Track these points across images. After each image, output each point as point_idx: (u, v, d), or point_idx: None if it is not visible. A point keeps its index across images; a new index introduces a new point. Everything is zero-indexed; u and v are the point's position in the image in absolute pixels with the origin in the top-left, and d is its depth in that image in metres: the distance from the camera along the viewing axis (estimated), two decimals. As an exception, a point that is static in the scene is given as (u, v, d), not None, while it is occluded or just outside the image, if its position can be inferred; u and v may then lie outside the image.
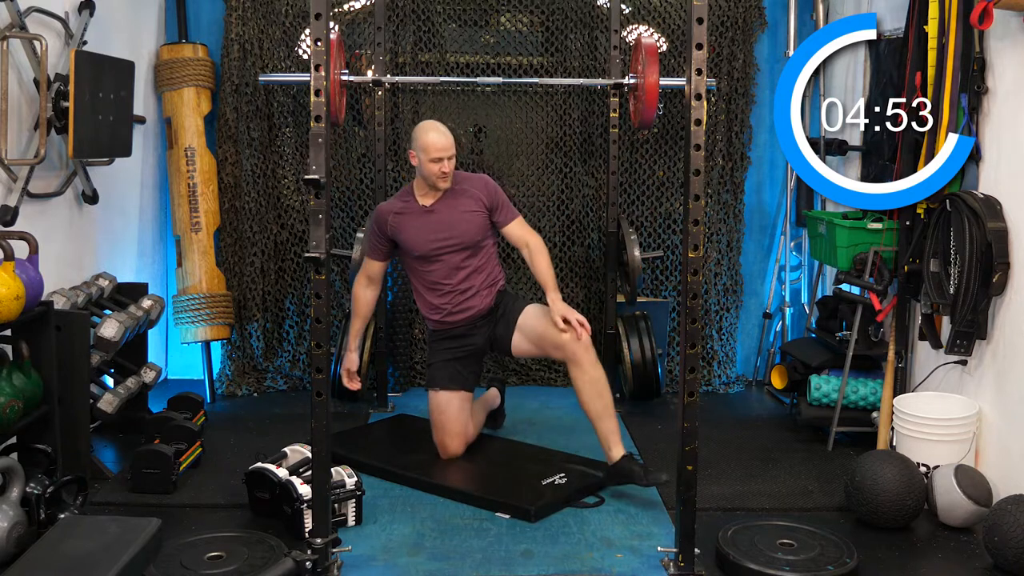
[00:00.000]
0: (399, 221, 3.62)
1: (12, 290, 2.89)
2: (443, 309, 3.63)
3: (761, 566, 2.70)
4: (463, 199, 3.62)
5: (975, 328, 3.30)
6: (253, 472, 3.15)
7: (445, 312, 3.63)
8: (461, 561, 2.86)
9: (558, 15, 4.76)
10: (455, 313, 3.62)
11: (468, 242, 3.59)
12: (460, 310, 3.62)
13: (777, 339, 4.96)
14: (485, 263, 3.66)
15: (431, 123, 3.64)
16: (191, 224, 4.53)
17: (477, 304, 3.62)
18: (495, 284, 3.69)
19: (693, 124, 2.56)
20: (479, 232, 3.61)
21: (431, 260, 3.60)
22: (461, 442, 3.63)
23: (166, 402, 3.99)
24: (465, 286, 3.61)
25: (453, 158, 3.56)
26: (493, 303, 3.66)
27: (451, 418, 3.62)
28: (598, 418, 3.39)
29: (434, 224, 3.59)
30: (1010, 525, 2.74)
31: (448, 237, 3.58)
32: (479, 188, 3.64)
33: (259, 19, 4.64)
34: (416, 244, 3.59)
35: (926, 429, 3.35)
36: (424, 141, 3.53)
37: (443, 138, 3.53)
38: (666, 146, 4.83)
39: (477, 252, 3.62)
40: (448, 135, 3.56)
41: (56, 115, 3.46)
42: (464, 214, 3.60)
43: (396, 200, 3.70)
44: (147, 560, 2.54)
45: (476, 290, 3.62)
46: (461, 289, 3.61)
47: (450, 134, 3.57)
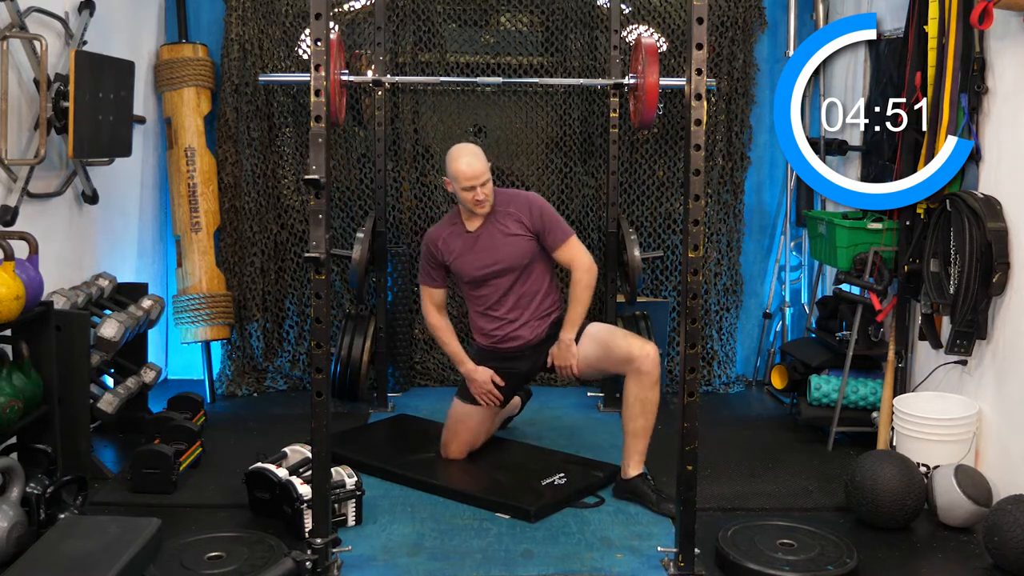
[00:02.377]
0: (447, 246, 3.53)
1: (12, 290, 2.89)
2: (492, 336, 3.56)
3: (761, 566, 2.70)
4: (508, 222, 3.48)
5: (975, 328, 3.30)
6: (253, 472, 3.15)
7: (495, 339, 3.56)
8: (461, 561, 2.86)
9: (558, 15, 4.75)
10: (504, 341, 3.54)
11: (514, 265, 3.48)
12: (509, 339, 3.54)
13: (777, 339, 4.96)
14: (538, 288, 3.53)
15: (461, 149, 3.46)
16: (191, 224, 4.53)
17: (526, 335, 3.53)
18: (549, 314, 3.55)
19: (693, 124, 2.56)
20: (525, 255, 3.48)
21: (480, 285, 3.52)
22: (466, 450, 3.63)
23: (166, 402, 3.99)
24: (515, 315, 3.52)
25: (488, 183, 3.40)
26: (545, 335, 3.53)
27: (467, 429, 3.61)
28: (633, 435, 3.34)
29: (479, 249, 3.48)
30: (1010, 525, 2.74)
31: (494, 262, 3.47)
32: (523, 210, 3.48)
33: (259, 19, 4.64)
34: (464, 269, 3.51)
35: (926, 429, 3.35)
36: (454, 169, 3.40)
37: (473, 165, 3.37)
38: (666, 146, 4.82)
39: (527, 275, 3.51)
40: (479, 160, 3.40)
41: (56, 115, 3.46)
42: (508, 237, 3.47)
43: (444, 225, 3.59)
44: (147, 560, 2.54)
45: (527, 320, 3.52)
46: (511, 319, 3.52)
47: (482, 157, 3.42)
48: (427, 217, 4.84)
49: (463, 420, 3.60)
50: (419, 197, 4.84)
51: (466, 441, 3.62)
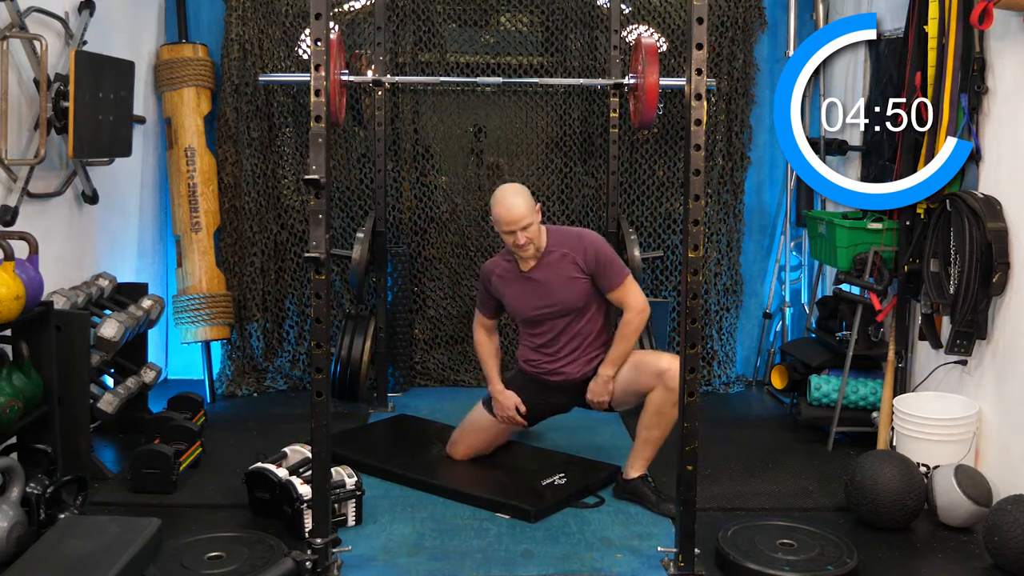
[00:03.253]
0: (501, 284, 3.47)
1: (12, 290, 2.89)
2: (538, 367, 3.50)
3: (761, 566, 2.70)
4: (563, 264, 3.39)
5: (975, 328, 3.30)
6: (253, 472, 3.15)
7: (540, 371, 3.50)
8: (461, 561, 2.86)
9: (558, 15, 4.75)
10: (549, 375, 3.49)
11: (569, 308, 3.40)
12: (555, 374, 3.48)
13: (777, 339, 4.96)
14: (592, 330, 3.45)
15: (503, 191, 3.33)
16: (191, 224, 4.53)
17: (571, 372, 3.46)
18: (598, 355, 3.45)
19: (693, 124, 2.56)
20: (580, 298, 3.39)
21: (535, 324, 3.47)
22: (472, 455, 3.62)
23: (166, 402, 3.99)
24: (565, 353, 3.45)
25: (531, 226, 3.28)
26: (591, 373, 3.45)
27: (481, 438, 3.60)
28: (644, 442, 3.32)
29: (534, 290, 3.41)
30: (1010, 525, 2.74)
31: (550, 304, 3.40)
32: (578, 252, 3.38)
33: (259, 19, 4.64)
34: (518, 309, 3.46)
35: (926, 429, 3.35)
36: (494, 213, 3.31)
37: (512, 211, 3.26)
38: (666, 146, 4.82)
39: (582, 316, 3.42)
40: (520, 204, 3.26)
41: (56, 115, 3.46)
42: (564, 280, 3.38)
43: (500, 259, 3.51)
44: (147, 560, 2.54)
45: (575, 359, 3.45)
46: (561, 356, 3.46)
47: (525, 201, 3.28)
48: (427, 217, 4.84)
49: (481, 428, 3.59)
50: (419, 197, 4.85)
51: (476, 447, 3.61)
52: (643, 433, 3.32)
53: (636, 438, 3.36)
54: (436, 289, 4.88)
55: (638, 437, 3.35)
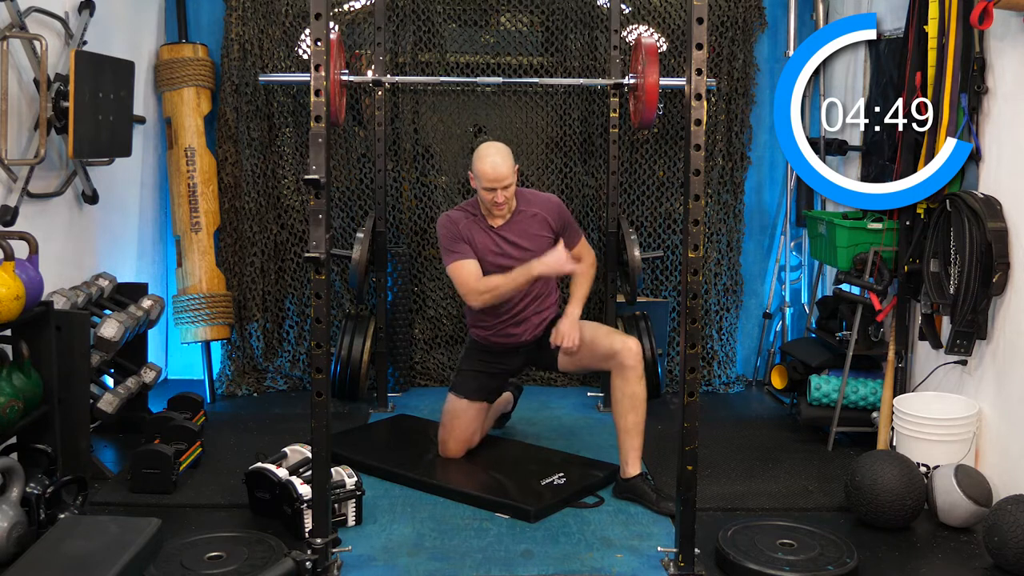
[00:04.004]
0: (470, 231, 3.47)
1: (12, 290, 2.89)
2: (490, 328, 3.55)
3: (761, 566, 2.70)
4: (534, 222, 3.47)
5: (975, 328, 3.30)
6: (253, 472, 3.15)
7: (491, 332, 3.55)
8: (461, 561, 2.86)
9: (558, 15, 4.76)
10: (500, 336, 3.55)
11: None
12: (505, 336, 3.55)
13: (777, 339, 4.96)
14: (545, 290, 3.55)
15: (488, 148, 3.41)
16: (191, 224, 4.53)
17: (523, 333, 3.54)
18: (547, 317, 3.55)
19: (693, 124, 2.56)
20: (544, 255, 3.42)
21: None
22: (463, 447, 3.64)
23: (166, 402, 3.99)
24: (519, 313, 3.50)
25: (511, 186, 3.37)
26: (542, 334, 3.54)
27: (463, 425, 3.61)
28: (625, 432, 3.34)
29: (504, 246, 3.46)
30: (1010, 525, 2.74)
31: (516, 259, 3.42)
32: (550, 212, 3.49)
33: (259, 19, 4.64)
34: (483, 264, 3.45)
35: (926, 429, 3.35)
36: (478, 168, 3.37)
37: (498, 168, 3.33)
38: (666, 146, 4.82)
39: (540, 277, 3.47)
40: (505, 163, 3.35)
41: (56, 115, 3.46)
42: (533, 237, 3.46)
43: (462, 211, 3.52)
44: (147, 560, 2.54)
45: (526, 319, 3.52)
46: (514, 316, 3.51)
47: (509, 160, 3.37)
48: (427, 217, 4.84)
49: (459, 415, 3.61)
50: (419, 197, 4.85)
51: (463, 438, 3.62)
52: (620, 422, 3.35)
53: (618, 430, 3.37)
54: (436, 289, 4.88)
55: (619, 429, 3.36)
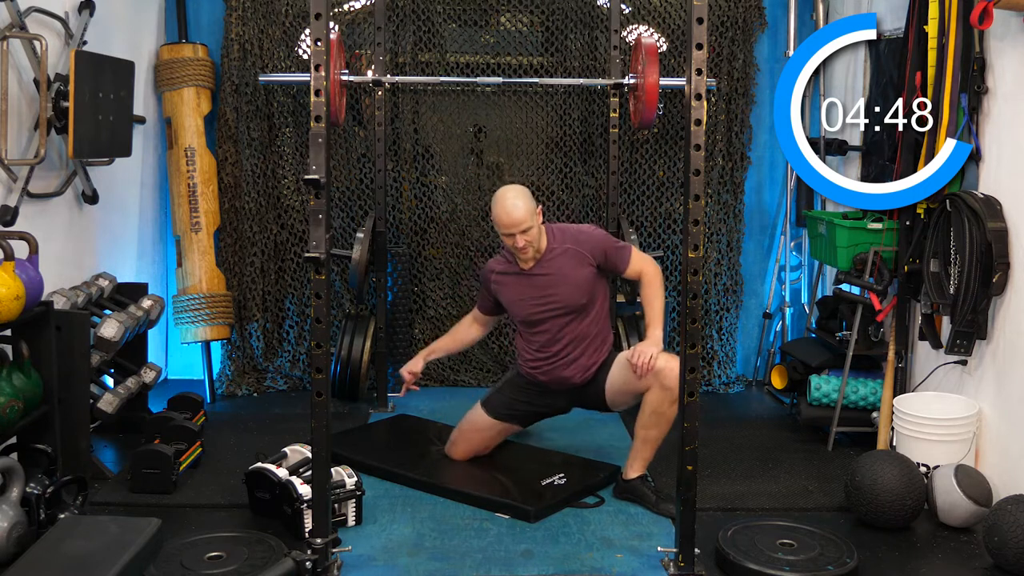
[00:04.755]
0: (500, 282, 3.45)
1: (12, 290, 2.89)
2: (538, 369, 3.46)
3: (761, 566, 2.70)
4: (566, 260, 3.37)
5: (975, 328, 3.30)
6: (253, 472, 3.15)
7: (540, 372, 3.46)
8: (461, 561, 2.86)
9: (558, 15, 4.75)
10: (548, 375, 3.46)
11: (573, 306, 3.37)
12: (554, 378, 3.45)
13: (777, 339, 4.96)
14: (593, 331, 3.42)
15: (504, 193, 3.31)
16: (191, 224, 4.53)
17: (573, 376, 3.43)
18: (597, 358, 3.43)
19: (693, 124, 2.56)
20: (585, 293, 3.37)
21: (534, 324, 3.42)
22: (470, 455, 3.61)
23: (166, 402, 3.98)
24: (566, 355, 3.41)
25: (531, 230, 3.26)
26: (591, 377, 3.44)
27: (481, 439, 3.59)
28: (642, 441, 3.30)
29: (535, 289, 3.38)
30: (1010, 525, 2.74)
31: (550, 303, 3.37)
32: (582, 244, 3.38)
33: (259, 19, 4.64)
34: (517, 309, 3.44)
35: (926, 429, 3.35)
36: (494, 214, 3.30)
37: (512, 213, 3.23)
38: (666, 146, 4.82)
39: (584, 315, 3.40)
40: (519, 208, 3.24)
41: (56, 115, 3.46)
42: (568, 276, 3.36)
43: (501, 258, 3.51)
44: (147, 560, 2.54)
45: (575, 361, 3.41)
46: (562, 359, 3.41)
47: (525, 203, 3.25)
48: (427, 217, 4.84)
49: (481, 430, 3.57)
50: (419, 197, 4.85)
51: (474, 448, 3.60)
52: (641, 433, 3.32)
53: (635, 438, 3.35)
54: (436, 289, 4.87)
55: (636, 437, 3.34)
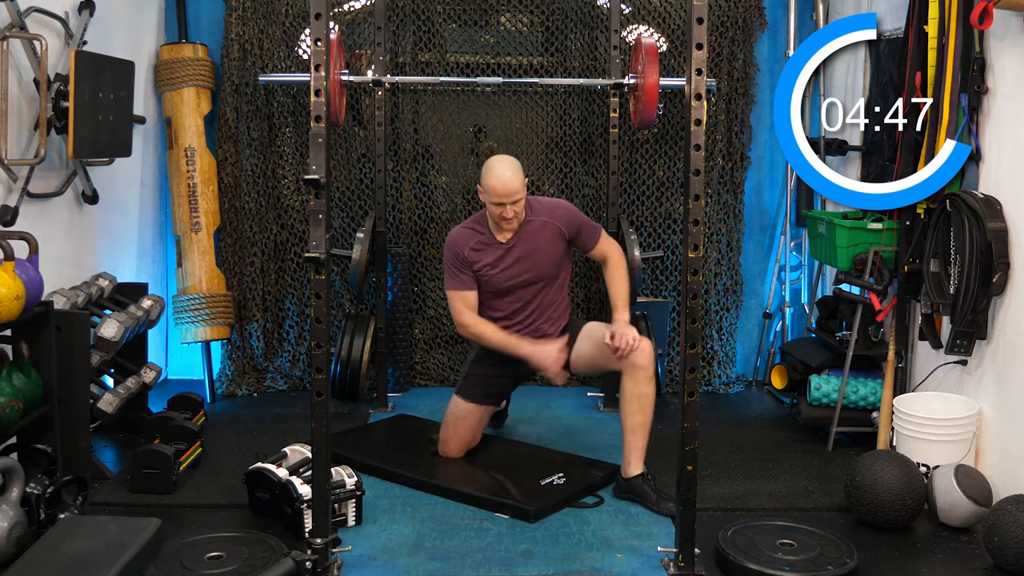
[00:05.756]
0: (476, 256, 3.47)
1: (12, 290, 2.89)
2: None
3: (761, 566, 2.70)
4: (543, 232, 3.45)
5: (975, 328, 3.30)
6: (253, 472, 3.15)
7: None
8: (461, 561, 2.86)
9: (558, 15, 4.76)
10: None
11: (546, 275, 3.48)
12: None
13: (777, 339, 4.96)
14: (557, 299, 3.54)
15: (497, 162, 3.37)
16: (191, 224, 4.53)
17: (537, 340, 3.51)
18: (559, 324, 3.55)
19: (693, 124, 2.56)
20: (557, 265, 3.49)
21: (505, 295, 3.49)
22: (465, 448, 3.64)
23: (166, 402, 3.98)
24: (530, 324, 3.50)
25: (520, 201, 3.34)
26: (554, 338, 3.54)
27: (467, 428, 3.61)
28: (631, 431, 3.32)
29: (513, 261, 3.45)
30: (1010, 525, 2.74)
31: (528, 272, 3.45)
32: (560, 219, 3.46)
33: (259, 19, 4.64)
34: (493, 280, 3.47)
35: (926, 429, 3.35)
36: (487, 183, 3.34)
37: (507, 183, 3.29)
38: (666, 146, 4.82)
39: (551, 286, 3.51)
40: (515, 177, 3.31)
41: (56, 115, 3.46)
42: (544, 248, 3.44)
43: (469, 230, 3.50)
44: (147, 560, 2.54)
45: (539, 328, 3.51)
46: (526, 326, 3.50)
47: (518, 174, 3.33)
48: (427, 217, 4.84)
49: (464, 418, 3.60)
50: (419, 197, 4.85)
51: (465, 440, 3.62)
52: (627, 421, 3.33)
53: (623, 430, 3.36)
54: (436, 289, 4.87)
55: (624, 428, 3.35)
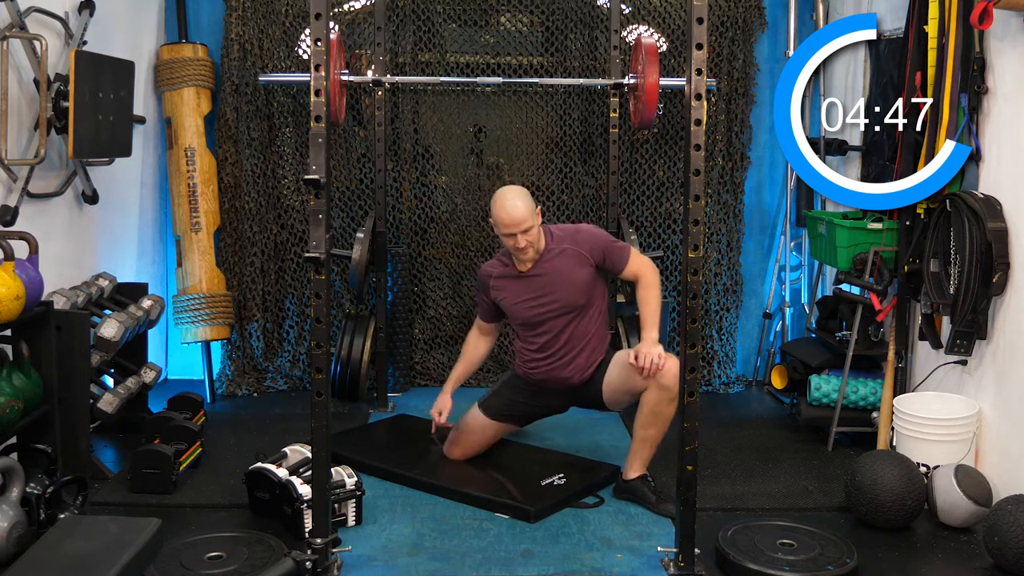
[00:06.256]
0: (500, 285, 3.44)
1: (12, 290, 2.89)
2: (537, 370, 3.46)
3: (761, 566, 2.70)
4: (564, 260, 3.37)
5: (975, 328, 3.30)
6: (253, 472, 3.15)
7: (537, 371, 3.46)
8: (461, 561, 2.86)
9: (558, 15, 4.75)
10: (547, 374, 3.45)
11: (572, 306, 3.38)
12: (552, 378, 3.45)
13: (777, 339, 4.96)
14: (591, 328, 3.42)
15: (504, 194, 3.31)
16: (191, 224, 4.53)
17: (571, 376, 3.43)
18: (595, 358, 3.43)
19: (693, 124, 2.56)
20: (584, 294, 3.38)
21: (534, 327, 3.42)
22: (468, 457, 3.61)
23: (166, 402, 3.99)
24: (564, 355, 3.40)
25: (531, 230, 3.27)
26: (590, 377, 3.44)
27: (478, 441, 3.59)
28: (641, 441, 3.29)
29: (535, 290, 3.38)
30: (1010, 525, 2.74)
31: (550, 303, 3.37)
32: (581, 244, 3.39)
33: (259, 19, 4.64)
34: (517, 312, 3.42)
35: (926, 429, 3.35)
36: (495, 214, 3.29)
37: (512, 213, 3.24)
38: (666, 146, 4.82)
39: (583, 315, 3.40)
40: (521, 207, 3.24)
41: (56, 115, 3.46)
42: (567, 276, 3.36)
43: (497, 261, 3.50)
44: (147, 560, 2.54)
45: (573, 360, 3.41)
46: (560, 359, 3.41)
47: (525, 203, 3.26)
48: (427, 217, 4.84)
49: (479, 431, 3.58)
50: (419, 197, 4.85)
51: (473, 449, 3.61)
52: (640, 433, 3.31)
53: (633, 438, 3.35)
54: (436, 289, 4.88)
55: (635, 437, 3.34)
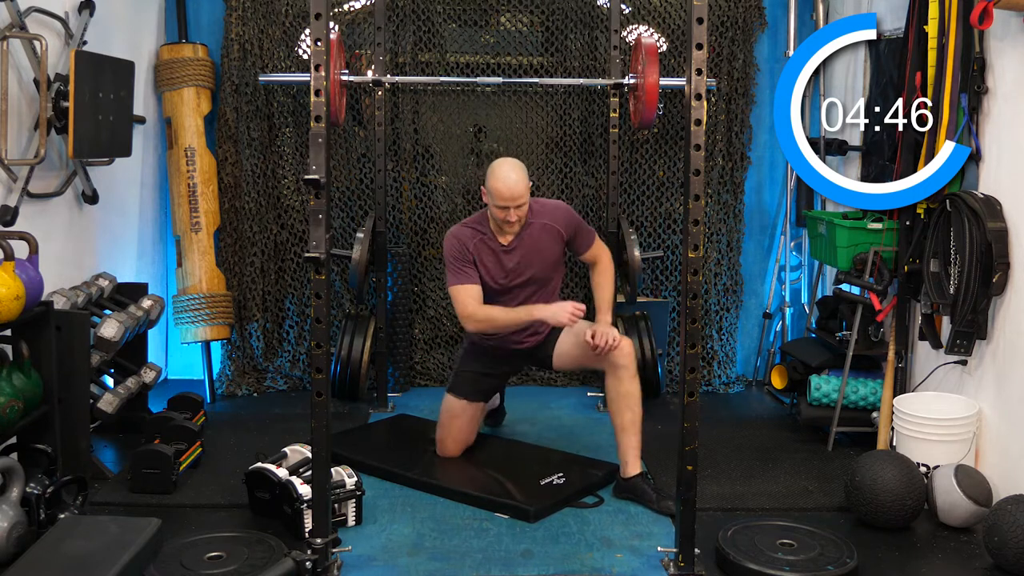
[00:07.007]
0: (478, 252, 3.45)
1: (12, 290, 2.89)
2: (492, 337, 3.53)
3: (761, 566, 2.70)
4: (544, 235, 3.46)
5: (975, 328, 3.30)
6: (253, 472, 3.15)
7: (494, 340, 3.54)
8: (461, 561, 2.86)
9: (558, 15, 4.76)
10: (503, 340, 3.54)
11: (541, 279, 3.49)
12: (511, 343, 3.55)
13: (777, 339, 4.96)
14: (550, 299, 3.51)
15: (503, 165, 3.34)
16: (191, 224, 4.53)
17: (524, 340, 3.54)
18: (547, 325, 3.48)
19: (693, 124, 2.56)
20: (554, 268, 3.52)
21: (498, 295, 3.47)
22: (461, 447, 3.66)
23: (166, 402, 3.99)
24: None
25: (524, 205, 3.32)
26: (541, 341, 3.56)
27: (461, 426, 3.63)
28: (622, 430, 3.33)
29: (513, 262, 3.45)
30: (1010, 525, 2.74)
31: (522, 274, 3.46)
32: (559, 220, 3.47)
33: (259, 19, 4.64)
34: (492, 280, 3.46)
35: (926, 429, 3.35)
36: (492, 186, 3.32)
37: (512, 187, 3.27)
38: (666, 146, 4.82)
39: (545, 287, 3.51)
40: (520, 182, 3.29)
41: (56, 115, 3.46)
42: (543, 251, 3.46)
43: (471, 229, 3.48)
44: (147, 560, 2.54)
45: (528, 328, 3.50)
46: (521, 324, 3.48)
47: (523, 178, 3.31)
48: (427, 217, 4.84)
49: (457, 416, 3.62)
50: (419, 197, 4.85)
51: (461, 438, 3.64)
52: (616, 420, 3.35)
53: (615, 429, 3.37)
54: (436, 289, 4.88)
55: (616, 428, 3.36)
